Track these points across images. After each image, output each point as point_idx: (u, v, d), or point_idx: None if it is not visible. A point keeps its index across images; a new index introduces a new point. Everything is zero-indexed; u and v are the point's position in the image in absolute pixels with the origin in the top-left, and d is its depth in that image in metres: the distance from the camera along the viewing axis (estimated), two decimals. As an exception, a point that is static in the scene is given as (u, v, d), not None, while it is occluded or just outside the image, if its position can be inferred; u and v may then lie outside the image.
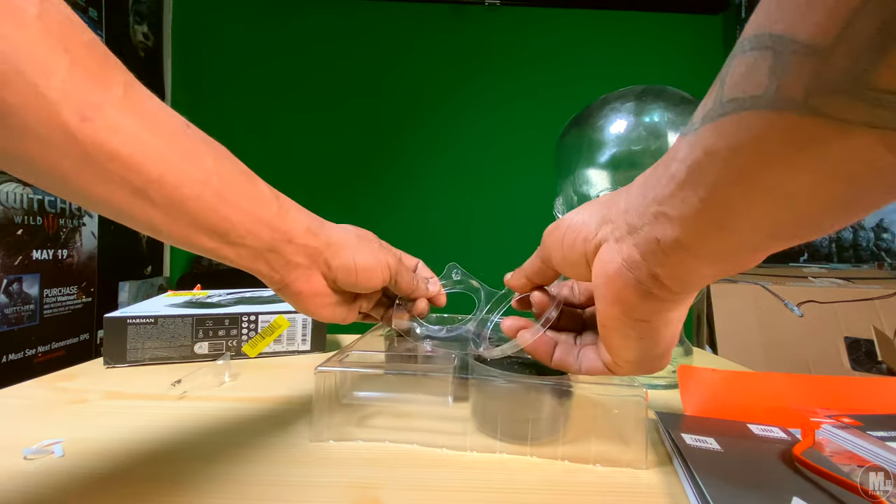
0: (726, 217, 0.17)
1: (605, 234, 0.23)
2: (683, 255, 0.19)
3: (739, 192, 0.16)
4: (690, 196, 0.18)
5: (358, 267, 0.32)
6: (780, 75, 0.13)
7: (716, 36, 2.05)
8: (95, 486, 0.27)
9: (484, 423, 0.35)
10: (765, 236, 0.17)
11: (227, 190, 0.25)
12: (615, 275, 0.22)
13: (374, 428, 0.35)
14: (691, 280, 0.21)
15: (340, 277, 0.32)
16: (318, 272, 0.31)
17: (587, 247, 0.24)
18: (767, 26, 0.14)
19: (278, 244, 0.28)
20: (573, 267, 0.26)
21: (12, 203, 1.30)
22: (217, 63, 1.97)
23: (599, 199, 0.25)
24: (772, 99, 0.14)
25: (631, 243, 0.21)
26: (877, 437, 0.31)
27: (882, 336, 1.28)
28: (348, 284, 0.33)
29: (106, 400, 0.41)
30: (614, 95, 0.48)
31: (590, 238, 0.24)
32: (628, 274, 0.22)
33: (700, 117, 0.17)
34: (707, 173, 0.17)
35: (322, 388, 0.34)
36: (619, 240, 0.22)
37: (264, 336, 0.55)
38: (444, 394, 0.34)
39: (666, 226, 0.19)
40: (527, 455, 0.32)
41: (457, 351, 0.40)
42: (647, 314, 0.22)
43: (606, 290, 0.23)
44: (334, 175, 1.97)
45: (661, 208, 0.19)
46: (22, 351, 1.33)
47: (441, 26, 1.98)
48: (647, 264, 0.21)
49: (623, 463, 0.31)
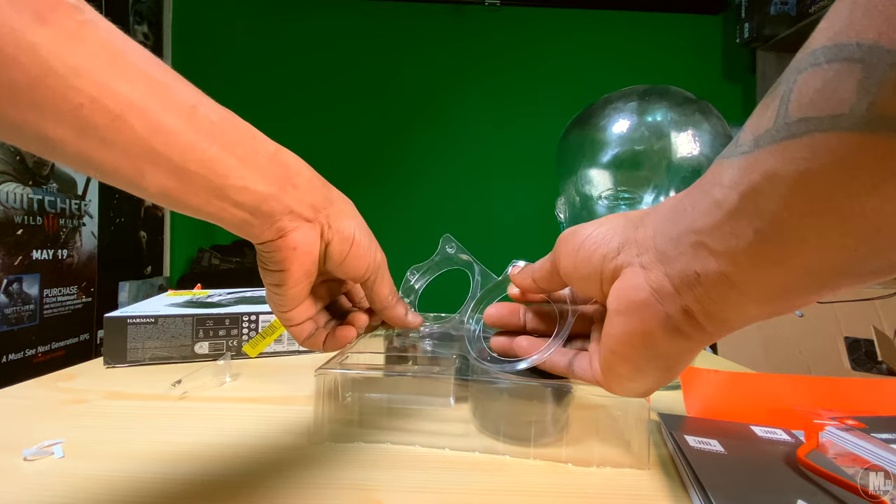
0: (788, 252, 0.15)
1: (628, 258, 0.21)
2: (728, 292, 0.17)
3: (810, 223, 0.14)
4: (743, 227, 0.16)
5: (355, 239, 0.29)
6: (873, 91, 0.12)
7: (716, 36, 2.05)
8: (95, 487, 0.26)
9: (485, 425, 0.34)
10: (834, 274, 0.15)
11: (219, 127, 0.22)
12: (642, 304, 0.20)
13: (375, 429, 0.34)
14: (731, 320, 0.19)
15: (334, 244, 0.28)
16: (318, 229, 0.27)
17: (605, 265, 0.22)
18: (852, 35, 0.12)
19: (282, 189, 0.25)
20: (583, 281, 0.24)
21: (12, 203, 1.30)
22: (217, 63, 1.97)
23: (624, 217, 0.23)
24: (861, 119, 0.12)
25: (662, 273, 0.19)
26: (881, 440, 0.30)
27: (882, 336, 1.28)
28: (335, 257, 0.28)
29: (106, 400, 0.41)
30: (617, 95, 0.48)
31: (609, 256, 0.22)
32: (657, 306, 0.20)
33: (752, 138, 0.15)
34: (767, 202, 0.15)
35: (322, 389, 0.34)
36: (646, 266, 0.20)
37: (265, 336, 0.55)
38: (446, 395, 0.34)
39: (708, 259, 0.17)
40: (529, 458, 0.32)
41: (457, 352, 0.40)
42: (668, 351, 0.21)
43: (628, 318, 0.21)
44: (334, 175, 1.96)
45: (702, 238, 0.17)
46: (22, 351, 1.32)
47: (441, 26, 1.97)
48: (681, 298, 0.19)
49: (626, 464, 0.31)
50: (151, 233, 1.95)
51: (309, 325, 0.31)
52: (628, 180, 0.45)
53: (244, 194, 0.23)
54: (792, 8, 1.79)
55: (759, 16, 1.81)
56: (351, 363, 0.36)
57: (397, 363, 0.40)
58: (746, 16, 1.86)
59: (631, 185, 0.45)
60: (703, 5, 2.03)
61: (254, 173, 0.24)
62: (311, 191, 0.27)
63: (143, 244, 1.90)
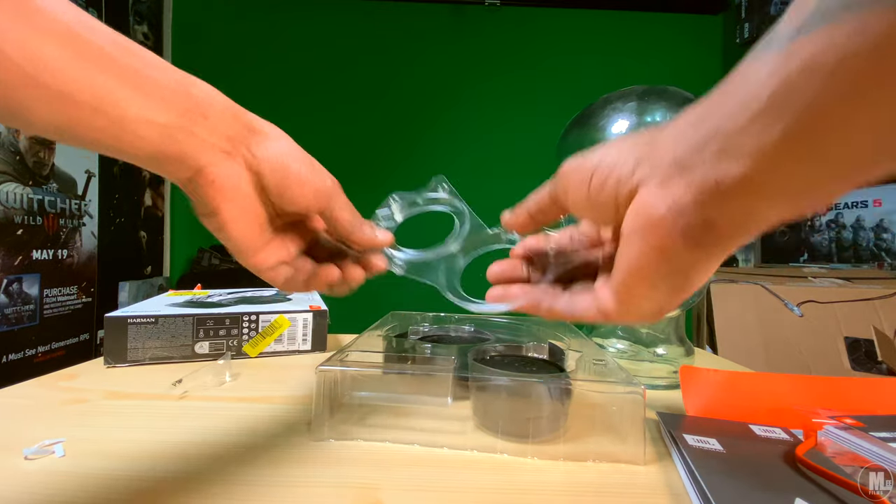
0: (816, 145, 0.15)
1: (643, 176, 0.21)
2: (748, 198, 0.18)
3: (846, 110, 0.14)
4: (772, 124, 0.16)
5: (290, 169, 0.26)
6: None
7: (716, 36, 2.05)
8: (96, 486, 0.27)
9: (484, 423, 0.35)
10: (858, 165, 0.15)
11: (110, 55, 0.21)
12: (659, 222, 0.20)
13: (375, 427, 0.35)
14: (749, 225, 0.19)
15: (266, 176, 0.26)
16: (241, 161, 0.25)
17: (620, 189, 0.21)
18: None
19: (191, 121, 0.23)
20: (598, 210, 0.23)
21: (12, 203, 1.30)
22: (217, 63, 1.97)
23: (634, 137, 0.22)
24: None
25: (682, 185, 0.19)
26: (879, 438, 0.31)
27: (882, 336, 1.28)
28: (273, 189, 0.26)
29: (106, 400, 0.41)
30: (616, 95, 0.48)
31: (624, 179, 0.21)
32: (675, 221, 0.19)
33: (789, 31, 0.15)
34: (801, 94, 0.15)
35: (322, 387, 0.34)
36: (663, 183, 0.20)
37: (265, 336, 0.55)
38: (444, 394, 0.34)
39: (731, 164, 0.17)
40: (528, 456, 0.32)
41: (455, 353, 0.40)
42: (687, 265, 0.21)
43: (646, 235, 0.20)
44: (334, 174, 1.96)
45: (729, 143, 0.17)
46: (22, 351, 1.33)
47: (441, 26, 1.98)
48: (701, 208, 0.19)
49: (623, 459, 0.31)
50: (151, 233, 1.95)
51: (284, 270, 0.29)
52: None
53: (145, 127, 0.22)
54: (792, 8, 1.79)
55: (759, 16, 1.81)
56: (351, 361, 0.36)
57: (397, 362, 0.40)
58: (746, 16, 1.86)
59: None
60: (703, 5, 2.03)
61: (153, 103, 0.22)
62: (225, 120, 0.25)
63: (143, 244, 1.90)
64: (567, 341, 0.46)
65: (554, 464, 0.31)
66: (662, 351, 0.48)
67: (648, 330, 0.48)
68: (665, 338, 0.49)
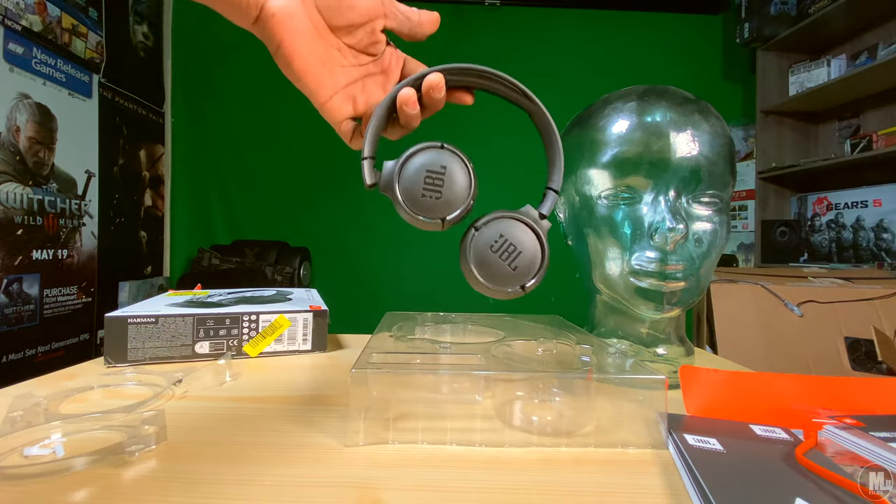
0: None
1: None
2: None
3: None
4: None
5: None
6: None
7: (716, 36, 2.05)
8: (96, 486, 0.27)
9: (510, 420, 0.35)
10: None
11: None
12: None
13: (405, 431, 0.34)
14: None
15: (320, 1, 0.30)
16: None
17: None
18: None
19: None
20: None
21: (12, 203, 1.30)
22: (217, 63, 1.97)
23: None
24: None
25: None
26: (879, 438, 0.31)
27: (882, 336, 1.28)
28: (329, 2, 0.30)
29: (107, 400, 0.41)
30: (616, 95, 0.48)
31: None
32: None
33: None
34: None
35: (356, 390, 0.33)
36: None
37: (265, 336, 0.55)
38: (473, 391, 0.34)
39: None
40: (562, 446, 0.32)
41: (480, 351, 0.41)
42: None
43: None
44: (334, 175, 1.97)
45: None
46: (22, 351, 1.33)
47: (441, 26, 1.97)
48: None
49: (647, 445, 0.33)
50: (151, 233, 1.95)
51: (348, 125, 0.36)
52: (627, 180, 0.45)
53: None
54: (792, 8, 1.80)
55: (759, 16, 1.81)
56: (379, 362, 0.36)
57: (425, 362, 0.40)
58: (746, 16, 1.86)
59: (630, 185, 0.45)
60: (703, 5, 2.03)
61: None
62: None
63: (143, 244, 1.90)
64: (574, 337, 0.47)
65: (555, 463, 0.31)
66: (663, 351, 0.48)
67: (649, 330, 0.48)
68: (665, 338, 0.49)
